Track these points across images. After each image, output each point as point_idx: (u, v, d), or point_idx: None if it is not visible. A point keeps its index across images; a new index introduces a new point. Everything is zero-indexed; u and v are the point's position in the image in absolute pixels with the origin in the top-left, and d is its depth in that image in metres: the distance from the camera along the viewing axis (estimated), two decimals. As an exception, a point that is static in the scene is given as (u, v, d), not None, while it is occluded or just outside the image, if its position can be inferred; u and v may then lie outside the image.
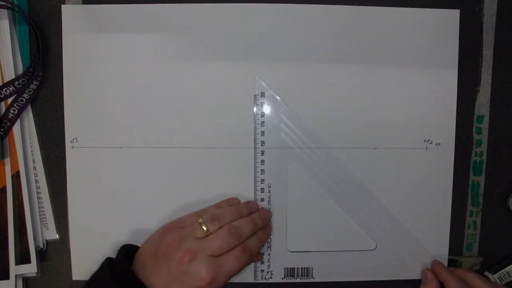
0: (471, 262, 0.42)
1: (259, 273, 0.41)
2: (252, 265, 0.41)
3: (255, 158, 0.40)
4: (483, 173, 0.42)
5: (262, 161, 0.40)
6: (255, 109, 0.40)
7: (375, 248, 0.41)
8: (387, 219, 0.41)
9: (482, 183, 0.42)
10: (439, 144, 0.41)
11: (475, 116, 0.41)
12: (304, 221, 0.41)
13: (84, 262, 0.40)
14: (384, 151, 0.40)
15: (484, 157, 0.41)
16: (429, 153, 0.41)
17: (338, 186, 0.40)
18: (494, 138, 0.41)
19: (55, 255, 0.41)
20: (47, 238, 0.40)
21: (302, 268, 0.41)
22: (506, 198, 0.42)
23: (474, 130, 0.41)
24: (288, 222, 0.41)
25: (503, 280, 0.41)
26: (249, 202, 0.39)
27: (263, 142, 0.40)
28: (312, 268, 0.41)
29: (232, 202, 0.39)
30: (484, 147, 0.41)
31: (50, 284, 0.41)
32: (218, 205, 0.39)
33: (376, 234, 0.41)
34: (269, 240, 0.41)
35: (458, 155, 0.41)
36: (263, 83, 0.39)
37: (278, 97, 0.40)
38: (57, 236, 0.41)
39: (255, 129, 0.40)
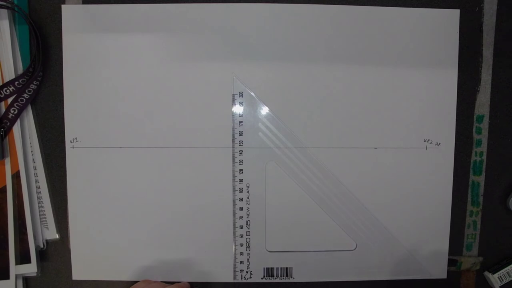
0: (471, 262, 0.42)
1: (238, 273, 0.41)
2: (231, 265, 0.41)
3: (234, 157, 0.40)
4: (483, 173, 0.42)
5: (241, 161, 0.40)
6: (233, 109, 0.40)
7: (355, 248, 0.41)
8: (366, 219, 0.41)
9: (482, 183, 0.42)
10: (439, 144, 0.41)
11: (475, 116, 0.41)
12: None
13: (84, 262, 0.40)
14: (384, 151, 0.40)
15: (484, 157, 0.41)
16: (429, 153, 0.40)
17: (317, 186, 0.40)
18: (494, 138, 0.41)
19: (55, 255, 0.41)
20: (47, 238, 0.40)
21: (281, 268, 0.41)
22: (506, 198, 0.42)
23: (474, 130, 0.41)
24: (267, 222, 0.41)
25: (503, 280, 0.41)
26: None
27: (241, 142, 0.40)
28: (292, 268, 0.41)
29: None
30: (484, 147, 0.41)
31: (50, 284, 0.41)
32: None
33: (356, 234, 0.41)
34: (248, 240, 0.41)
35: (458, 155, 0.41)
36: (241, 83, 0.39)
37: (256, 97, 0.40)
38: (57, 236, 0.41)
39: (233, 128, 0.40)
